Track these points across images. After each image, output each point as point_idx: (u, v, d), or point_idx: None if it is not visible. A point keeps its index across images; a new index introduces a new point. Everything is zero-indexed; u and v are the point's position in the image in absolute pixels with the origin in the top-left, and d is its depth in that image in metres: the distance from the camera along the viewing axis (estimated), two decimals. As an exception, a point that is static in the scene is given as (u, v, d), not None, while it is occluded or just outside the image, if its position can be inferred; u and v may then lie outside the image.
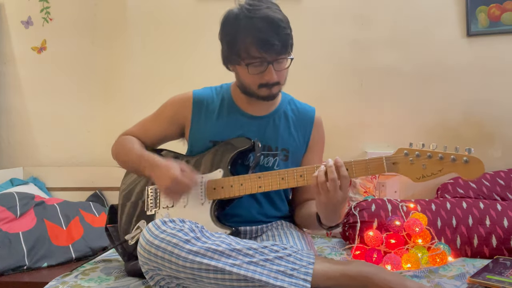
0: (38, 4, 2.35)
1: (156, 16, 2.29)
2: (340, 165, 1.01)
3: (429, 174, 0.99)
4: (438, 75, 2.10)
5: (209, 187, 1.17)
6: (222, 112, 1.27)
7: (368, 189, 1.94)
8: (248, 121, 1.26)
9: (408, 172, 1.01)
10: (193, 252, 0.94)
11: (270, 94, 1.20)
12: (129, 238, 1.18)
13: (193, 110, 1.27)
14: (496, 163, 2.03)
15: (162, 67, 2.29)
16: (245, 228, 1.22)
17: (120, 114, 2.28)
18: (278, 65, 1.16)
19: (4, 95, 2.40)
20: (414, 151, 1.01)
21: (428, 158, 0.99)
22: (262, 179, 1.12)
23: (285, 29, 1.12)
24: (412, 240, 1.52)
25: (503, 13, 2.03)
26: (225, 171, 1.18)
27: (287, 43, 1.14)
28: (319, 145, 1.34)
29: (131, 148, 1.27)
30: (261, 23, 1.10)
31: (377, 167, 1.03)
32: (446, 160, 0.97)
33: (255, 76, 1.16)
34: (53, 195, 2.23)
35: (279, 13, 1.14)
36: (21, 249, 1.65)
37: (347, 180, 1.00)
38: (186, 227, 0.99)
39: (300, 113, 1.31)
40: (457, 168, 0.96)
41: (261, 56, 1.12)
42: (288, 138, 1.27)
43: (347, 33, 2.17)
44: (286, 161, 1.25)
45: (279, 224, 1.27)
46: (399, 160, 1.02)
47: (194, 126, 1.27)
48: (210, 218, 1.15)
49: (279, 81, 1.18)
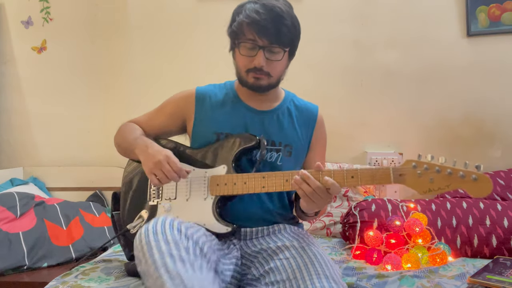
0: (38, 4, 2.36)
1: (156, 16, 2.30)
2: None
3: (436, 188, 0.98)
4: (438, 75, 2.11)
5: (212, 183, 1.16)
6: (226, 104, 1.27)
7: (368, 189, 1.94)
8: (252, 115, 1.25)
9: (415, 185, 0.99)
10: (164, 266, 0.87)
11: (257, 83, 1.19)
12: (131, 228, 1.19)
13: (196, 104, 1.28)
14: (496, 163, 2.03)
15: (162, 67, 2.29)
16: (245, 230, 1.20)
17: (120, 114, 2.26)
18: (270, 54, 1.15)
19: (4, 95, 2.40)
20: (423, 164, 0.99)
21: (437, 172, 0.97)
22: (266, 179, 1.11)
23: (285, 20, 1.13)
24: (412, 240, 1.52)
25: (503, 13, 2.03)
26: (229, 168, 1.17)
27: (283, 34, 1.14)
28: (321, 143, 1.33)
29: (131, 131, 1.29)
30: (262, 8, 1.13)
31: (384, 177, 1.02)
32: (455, 176, 0.96)
33: (245, 58, 1.17)
34: (53, 195, 2.23)
35: (285, 6, 1.15)
36: (21, 249, 1.65)
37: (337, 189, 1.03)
38: (183, 247, 0.92)
39: (303, 110, 1.31)
40: (465, 185, 0.95)
41: (253, 38, 1.13)
42: (292, 134, 1.26)
43: (347, 33, 2.17)
44: (290, 156, 1.25)
45: (282, 228, 1.23)
46: (407, 172, 1.00)
47: (197, 119, 1.27)
48: (212, 214, 1.14)
49: (269, 72, 1.17)
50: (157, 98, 1.38)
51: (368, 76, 2.16)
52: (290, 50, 1.20)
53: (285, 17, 1.14)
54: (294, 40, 1.19)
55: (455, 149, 2.09)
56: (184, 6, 2.25)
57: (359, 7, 2.16)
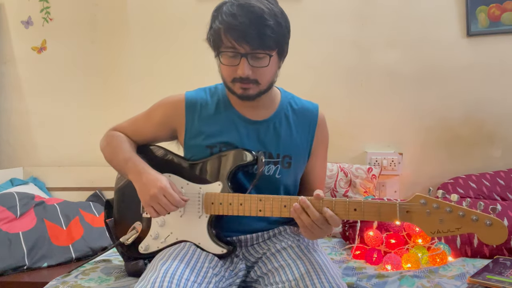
0: (38, 4, 2.36)
1: (156, 16, 2.30)
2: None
3: (445, 230, 0.90)
4: (438, 75, 2.11)
5: (207, 200, 1.10)
6: (218, 114, 1.18)
7: (368, 189, 1.94)
8: (247, 125, 1.16)
9: (423, 224, 0.92)
10: None
11: (245, 93, 1.09)
12: (125, 240, 1.15)
13: (186, 114, 1.18)
14: (496, 163, 2.03)
15: (162, 67, 2.29)
16: (246, 237, 1.17)
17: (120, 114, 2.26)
18: (255, 61, 1.04)
19: (4, 95, 2.40)
20: (433, 201, 0.91)
21: (448, 212, 0.90)
22: (263, 202, 1.05)
23: (266, 21, 1.01)
24: (412, 240, 1.52)
25: (503, 13, 2.03)
26: (224, 186, 1.10)
27: (266, 36, 1.01)
28: (323, 146, 1.25)
29: (118, 146, 1.20)
30: (239, 10, 1.01)
31: (389, 214, 0.94)
32: (467, 219, 0.88)
33: (228, 68, 1.07)
34: (53, 195, 2.23)
35: (267, 4, 1.03)
36: (21, 249, 1.65)
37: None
38: None
39: (302, 113, 1.21)
40: (478, 230, 0.88)
41: (233, 46, 1.03)
42: (290, 143, 1.17)
43: (347, 33, 2.17)
44: (289, 168, 1.17)
45: (282, 230, 1.21)
46: (415, 210, 0.92)
47: (188, 131, 1.19)
48: (208, 234, 1.10)
49: (257, 79, 1.07)
50: (157, 98, 1.37)
51: (368, 76, 2.16)
52: (279, 51, 1.09)
53: (266, 17, 1.01)
54: (281, 39, 1.07)
55: (455, 149, 2.09)
56: (184, 6, 2.25)
57: (359, 7, 2.16)
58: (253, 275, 1.11)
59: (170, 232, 1.14)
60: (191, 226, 1.11)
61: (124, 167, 1.15)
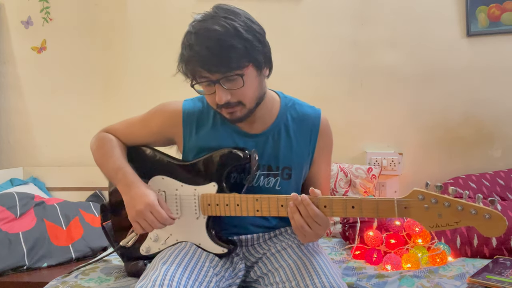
0: (38, 4, 2.35)
1: (156, 16, 2.30)
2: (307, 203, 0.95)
3: (444, 224, 0.90)
4: (438, 75, 2.11)
5: (203, 202, 1.09)
6: (216, 131, 1.15)
7: (368, 189, 1.94)
8: (245, 139, 1.14)
9: (421, 219, 0.92)
10: None
11: (233, 117, 1.06)
12: (124, 244, 1.14)
13: (184, 128, 1.17)
14: (496, 163, 2.04)
15: (162, 67, 2.28)
16: (246, 237, 1.17)
17: (120, 114, 2.26)
18: (230, 84, 1.00)
19: (4, 95, 2.40)
20: (431, 196, 0.91)
21: (446, 206, 0.89)
22: (259, 202, 1.04)
23: (227, 42, 0.96)
24: (412, 240, 1.52)
25: (503, 13, 2.03)
26: (219, 186, 1.09)
27: (232, 58, 0.96)
28: (326, 152, 1.20)
29: (109, 152, 1.17)
30: (197, 39, 0.98)
31: (387, 210, 0.94)
32: (466, 212, 0.88)
33: (209, 96, 1.05)
34: (53, 195, 2.23)
35: (226, 22, 0.97)
36: (21, 249, 1.65)
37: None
38: None
39: (302, 120, 1.17)
40: (477, 223, 0.88)
41: (204, 76, 1.00)
42: (290, 154, 1.14)
43: (347, 33, 2.17)
44: (289, 179, 1.15)
45: (283, 231, 1.20)
46: (413, 205, 0.92)
47: (186, 145, 1.17)
48: (207, 234, 1.10)
49: (240, 101, 1.03)
50: (157, 98, 1.37)
51: (368, 76, 2.16)
52: (254, 64, 1.02)
53: (224, 39, 0.96)
54: (251, 53, 0.99)
55: (455, 149, 2.09)
56: (184, 6, 2.25)
57: (359, 7, 2.16)
58: (253, 275, 1.11)
59: (169, 233, 1.14)
60: (189, 227, 1.11)
61: (114, 177, 1.13)
